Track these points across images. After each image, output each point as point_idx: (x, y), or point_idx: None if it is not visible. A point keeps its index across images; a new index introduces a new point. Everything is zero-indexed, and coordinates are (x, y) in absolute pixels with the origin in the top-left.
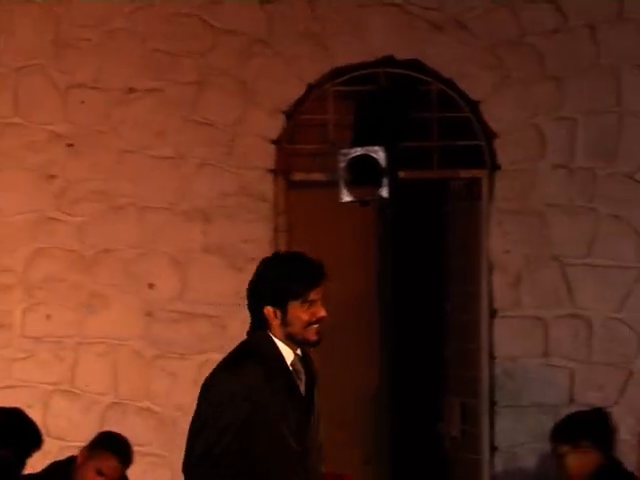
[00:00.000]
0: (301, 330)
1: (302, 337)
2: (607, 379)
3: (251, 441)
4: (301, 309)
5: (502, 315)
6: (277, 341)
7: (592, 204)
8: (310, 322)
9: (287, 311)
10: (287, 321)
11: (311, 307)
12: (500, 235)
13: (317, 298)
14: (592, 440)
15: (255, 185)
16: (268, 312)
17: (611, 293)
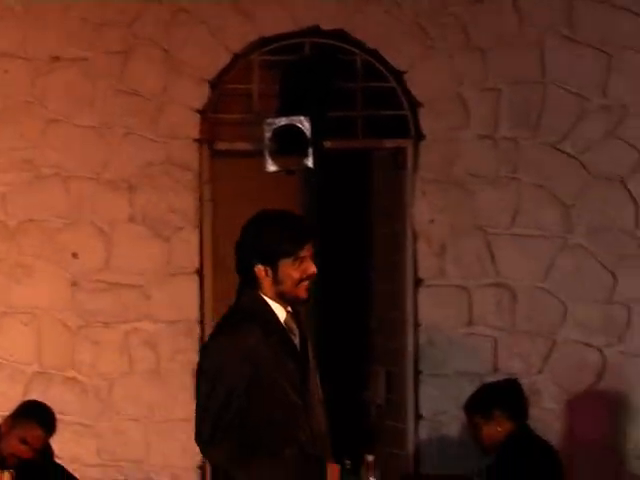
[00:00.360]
0: (292, 288)
1: (293, 295)
2: (531, 348)
3: (258, 400)
4: (292, 267)
5: (427, 284)
6: (268, 300)
7: (516, 174)
8: (301, 279)
9: (278, 269)
10: (278, 279)
11: (302, 264)
12: (425, 205)
13: (307, 255)
14: (504, 410)
15: (180, 154)
16: (259, 271)
17: (535, 262)
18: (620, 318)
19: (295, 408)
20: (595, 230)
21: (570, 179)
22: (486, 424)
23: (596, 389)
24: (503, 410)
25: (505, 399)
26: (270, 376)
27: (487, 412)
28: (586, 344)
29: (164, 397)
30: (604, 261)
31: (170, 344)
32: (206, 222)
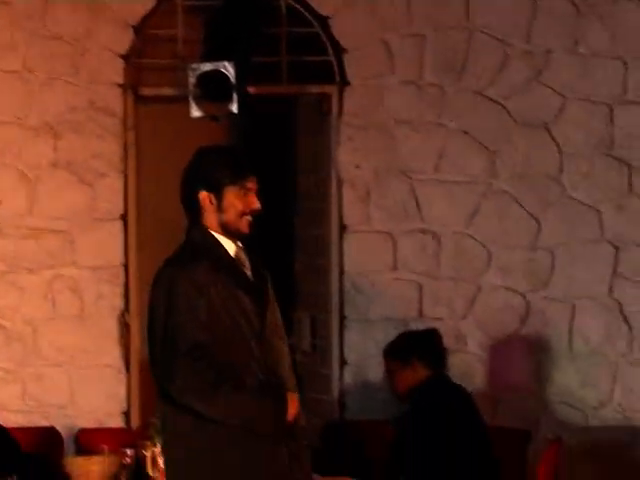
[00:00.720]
0: (235, 219)
1: (235, 227)
2: (455, 293)
3: (215, 333)
4: (237, 196)
5: (351, 230)
6: (217, 234)
7: (440, 120)
8: (244, 212)
9: (223, 197)
10: (222, 208)
11: (246, 197)
12: (349, 150)
13: (252, 188)
14: (422, 358)
15: (104, 100)
16: (203, 197)
17: (459, 208)
18: (544, 264)
19: (250, 341)
20: (519, 176)
21: (494, 125)
22: (403, 371)
23: (520, 334)
24: (421, 358)
25: (424, 347)
26: (224, 310)
27: (405, 359)
28: (510, 289)
29: (89, 343)
30: (528, 207)
31: (94, 290)
32: (130, 168)
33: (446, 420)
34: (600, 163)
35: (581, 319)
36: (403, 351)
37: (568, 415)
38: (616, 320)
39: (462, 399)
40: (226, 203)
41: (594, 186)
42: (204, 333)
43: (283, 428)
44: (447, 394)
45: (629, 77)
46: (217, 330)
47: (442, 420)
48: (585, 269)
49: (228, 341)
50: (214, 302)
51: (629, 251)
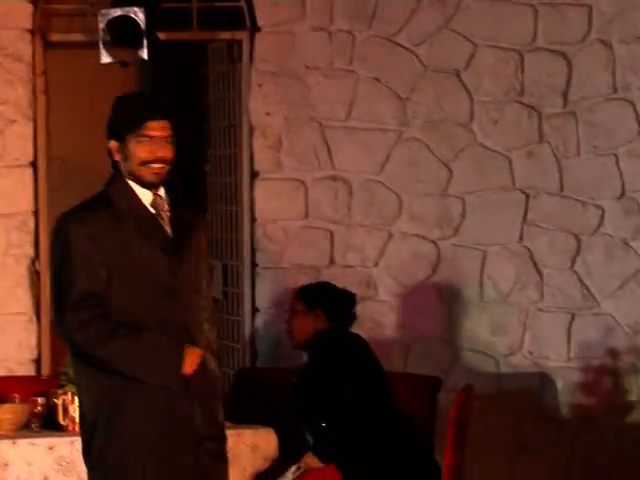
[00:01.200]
0: (137, 167)
1: (139, 175)
2: (366, 241)
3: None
4: (137, 144)
5: (263, 177)
6: (131, 182)
7: (351, 66)
8: (146, 161)
9: (125, 145)
10: (126, 156)
11: (150, 144)
12: (260, 97)
13: (157, 135)
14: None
15: (13, 45)
16: (112, 146)
17: (371, 155)
18: (454, 211)
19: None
20: (430, 123)
21: (405, 72)
22: (306, 316)
23: (430, 281)
24: (327, 311)
25: (336, 304)
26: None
27: (312, 305)
28: (421, 237)
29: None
30: (439, 154)
31: (4, 238)
32: (40, 114)
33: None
34: (510, 110)
35: (491, 266)
36: (314, 297)
37: (479, 362)
38: (526, 267)
39: (360, 348)
40: (128, 152)
41: (504, 133)
42: (97, 284)
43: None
44: (345, 344)
45: (539, 24)
46: (114, 282)
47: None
48: (495, 216)
49: (127, 294)
50: (110, 254)
51: (539, 199)
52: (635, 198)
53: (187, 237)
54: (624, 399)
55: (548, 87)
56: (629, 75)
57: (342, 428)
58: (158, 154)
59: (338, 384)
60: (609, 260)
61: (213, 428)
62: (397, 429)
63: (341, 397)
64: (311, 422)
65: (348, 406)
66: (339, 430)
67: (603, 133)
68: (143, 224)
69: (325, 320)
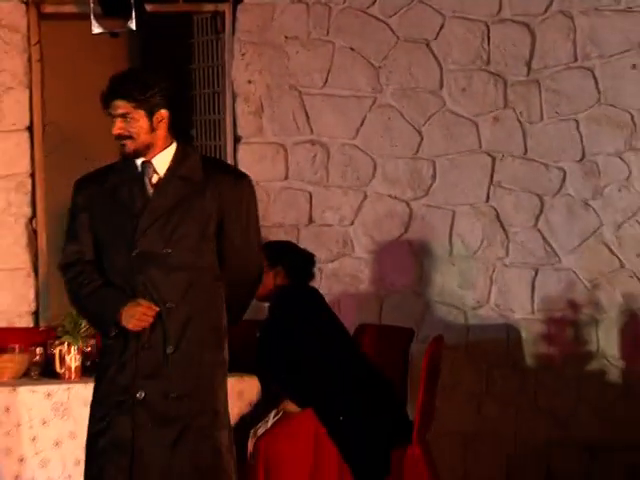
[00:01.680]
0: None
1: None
2: (343, 201)
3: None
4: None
5: (245, 142)
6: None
7: (328, 37)
8: (115, 137)
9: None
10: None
11: (113, 123)
12: (243, 66)
13: (115, 114)
14: (288, 270)
15: (8, 17)
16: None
17: (346, 120)
18: (425, 173)
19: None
20: (403, 90)
21: (379, 42)
22: (267, 272)
23: (403, 239)
24: (287, 269)
25: (296, 264)
26: (100, 226)
27: (273, 262)
28: (394, 197)
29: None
30: (411, 119)
31: (3, 198)
32: (35, 82)
33: (305, 321)
34: (477, 78)
35: (460, 225)
36: (276, 255)
37: (449, 314)
38: (493, 226)
39: (318, 300)
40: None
41: (472, 100)
42: (77, 246)
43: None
44: (302, 297)
45: None
46: (101, 246)
47: (301, 321)
48: (464, 178)
49: (108, 257)
50: (96, 221)
51: (504, 161)
52: (594, 161)
53: (174, 202)
54: (584, 349)
55: (513, 56)
56: (589, 45)
57: (311, 375)
58: (114, 132)
59: (301, 334)
60: (570, 219)
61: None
62: (363, 370)
63: (305, 346)
64: (277, 374)
65: (313, 353)
66: (308, 377)
67: (565, 100)
68: (124, 189)
69: (284, 276)
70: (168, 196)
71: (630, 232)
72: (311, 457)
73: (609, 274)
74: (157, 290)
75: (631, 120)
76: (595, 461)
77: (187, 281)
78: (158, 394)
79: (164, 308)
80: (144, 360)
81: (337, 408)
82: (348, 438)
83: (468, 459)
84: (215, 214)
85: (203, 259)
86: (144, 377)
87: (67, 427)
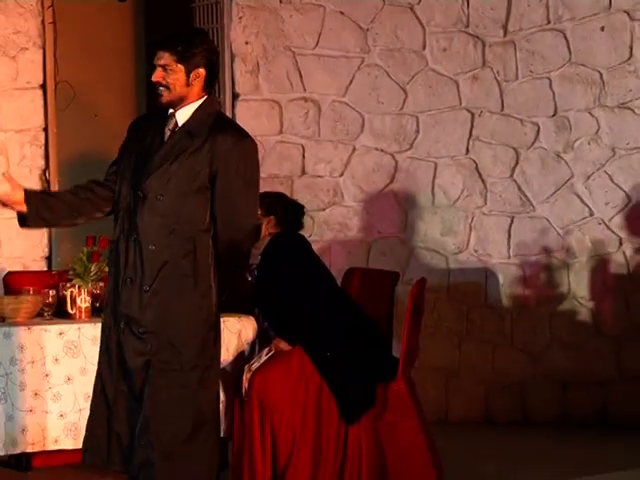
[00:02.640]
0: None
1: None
2: (334, 154)
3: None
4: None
5: (243, 99)
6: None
7: (319, 1)
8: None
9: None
10: None
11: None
12: (240, 28)
13: (156, 64)
14: (280, 220)
15: None
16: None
17: (337, 79)
18: (409, 127)
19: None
20: (389, 51)
21: (366, 6)
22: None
23: (389, 189)
24: (278, 220)
25: (288, 214)
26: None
27: (267, 211)
28: (381, 150)
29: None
30: (396, 78)
31: (18, 151)
32: (48, 43)
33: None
34: (458, 40)
35: (442, 176)
36: (268, 205)
37: (431, 259)
38: (472, 177)
39: (306, 245)
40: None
41: (452, 60)
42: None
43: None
44: (291, 242)
45: None
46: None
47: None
48: (445, 132)
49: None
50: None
51: (483, 117)
52: (566, 116)
53: (178, 153)
54: (556, 291)
55: (490, 19)
56: (560, 8)
57: (300, 315)
58: (153, 79)
59: (290, 278)
60: (544, 170)
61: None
62: (349, 311)
63: (294, 288)
64: (269, 315)
65: (302, 295)
66: (297, 317)
67: (538, 59)
68: (150, 133)
69: (275, 225)
70: (174, 148)
71: (599, 183)
72: (302, 390)
73: (579, 222)
74: (144, 231)
75: (600, 78)
76: (567, 394)
77: (170, 227)
78: (132, 326)
79: (147, 249)
80: (125, 293)
81: (324, 345)
82: (334, 372)
83: (449, 393)
84: (208, 169)
85: (189, 210)
86: (124, 308)
87: (78, 364)
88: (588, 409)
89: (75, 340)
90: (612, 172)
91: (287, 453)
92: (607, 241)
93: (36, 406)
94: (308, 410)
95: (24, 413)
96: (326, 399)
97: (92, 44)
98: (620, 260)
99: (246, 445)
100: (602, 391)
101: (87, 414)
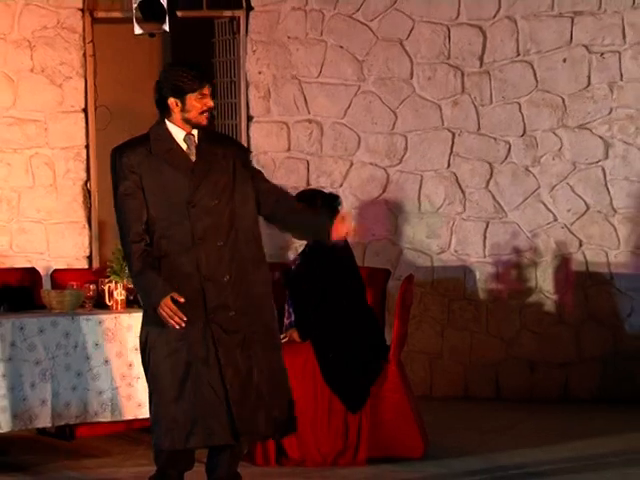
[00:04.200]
0: (196, 116)
1: (196, 121)
2: (334, 168)
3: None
4: (196, 100)
5: (256, 120)
6: (170, 125)
7: (322, 37)
8: (203, 110)
9: (185, 102)
10: (186, 109)
11: (203, 99)
12: (254, 60)
13: (207, 93)
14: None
15: (69, 21)
16: (171, 103)
17: (337, 104)
18: (399, 145)
19: (178, 203)
20: (381, 79)
21: (362, 40)
22: None
23: (382, 198)
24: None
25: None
26: (151, 185)
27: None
28: (375, 165)
29: (59, 205)
30: (388, 103)
31: (64, 165)
32: (89, 73)
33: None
34: (441, 70)
35: (427, 187)
36: (311, 199)
37: (418, 258)
38: (453, 187)
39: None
40: (188, 105)
41: (436, 87)
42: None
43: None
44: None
45: (461, 4)
46: (148, 198)
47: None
48: (430, 149)
49: (158, 206)
50: (143, 174)
51: (462, 136)
52: (533, 135)
53: (211, 164)
54: (525, 285)
55: (468, 52)
56: (528, 43)
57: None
58: (209, 105)
59: (326, 284)
60: (514, 182)
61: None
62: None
63: (328, 290)
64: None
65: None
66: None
67: (510, 87)
68: (171, 155)
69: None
70: (207, 160)
71: (562, 192)
72: (309, 372)
73: (545, 226)
74: (212, 233)
75: (562, 103)
76: (534, 374)
77: (230, 224)
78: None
79: (216, 247)
80: (210, 288)
81: (329, 347)
82: (334, 373)
83: (433, 373)
84: (241, 168)
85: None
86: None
87: (114, 348)
88: (552, 386)
89: (112, 328)
90: (573, 184)
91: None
92: (569, 243)
93: (78, 384)
94: (315, 389)
95: (68, 390)
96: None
97: (126, 74)
98: (580, 259)
99: None
100: (564, 371)
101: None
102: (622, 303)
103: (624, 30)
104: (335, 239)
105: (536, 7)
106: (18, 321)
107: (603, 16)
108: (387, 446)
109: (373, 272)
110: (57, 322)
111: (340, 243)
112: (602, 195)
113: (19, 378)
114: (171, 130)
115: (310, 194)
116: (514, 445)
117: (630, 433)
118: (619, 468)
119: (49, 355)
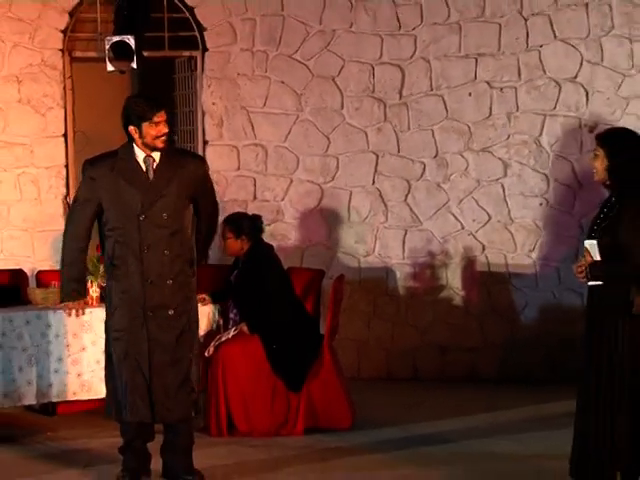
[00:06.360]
0: (152, 140)
1: (153, 145)
2: (276, 184)
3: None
4: (150, 127)
5: (211, 144)
6: (135, 147)
7: (267, 74)
8: (157, 135)
9: (142, 129)
10: (142, 135)
11: (157, 126)
12: (209, 93)
13: (161, 120)
14: (248, 234)
15: (51, 59)
16: (131, 130)
17: (279, 130)
18: (332, 165)
19: (128, 218)
20: (316, 110)
21: (300, 77)
22: (235, 241)
23: (317, 210)
24: (248, 235)
25: (250, 226)
26: (108, 193)
27: (238, 234)
28: (311, 182)
29: (43, 216)
30: (322, 129)
31: (47, 182)
32: (68, 103)
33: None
34: (366, 102)
35: (355, 200)
36: (237, 227)
37: (348, 261)
38: (377, 201)
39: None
40: (144, 132)
41: (363, 116)
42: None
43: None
44: (268, 254)
45: (384, 47)
46: (107, 206)
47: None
48: (357, 169)
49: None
50: (102, 187)
51: (385, 157)
52: (444, 157)
53: (165, 182)
54: (438, 283)
55: (390, 87)
56: (440, 79)
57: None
58: (162, 132)
59: (267, 280)
60: (428, 196)
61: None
62: (298, 309)
63: (269, 289)
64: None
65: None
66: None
67: (424, 116)
68: (130, 173)
69: (248, 240)
70: (163, 179)
71: (468, 205)
72: (258, 359)
73: (454, 233)
74: (159, 243)
75: (468, 130)
76: (445, 357)
77: (171, 234)
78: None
79: (162, 254)
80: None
81: (273, 339)
82: (277, 359)
83: (360, 358)
84: (191, 186)
85: (184, 219)
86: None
87: (90, 338)
88: (461, 368)
89: (88, 320)
90: (477, 198)
91: (242, 402)
92: (474, 247)
93: (59, 368)
94: (262, 373)
95: (51, 373)
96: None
97: (100, 104)
98: (483, 261)
99: (212, 395)
100: (471, 355)
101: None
102: (518, 298)
103: (519, 69)
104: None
105: (446, 49)
106: (8, 314)
107: (502, 57)
108: (321, 419)
109: (310, 272)
110: (41, 315)
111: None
112: (501, 207)
113: (9, 363)
114: (135, 151)
115: (237, 216)
116: (429, 417)
117: (524, 407)
118: (515, 434)
119: (34, 343)
